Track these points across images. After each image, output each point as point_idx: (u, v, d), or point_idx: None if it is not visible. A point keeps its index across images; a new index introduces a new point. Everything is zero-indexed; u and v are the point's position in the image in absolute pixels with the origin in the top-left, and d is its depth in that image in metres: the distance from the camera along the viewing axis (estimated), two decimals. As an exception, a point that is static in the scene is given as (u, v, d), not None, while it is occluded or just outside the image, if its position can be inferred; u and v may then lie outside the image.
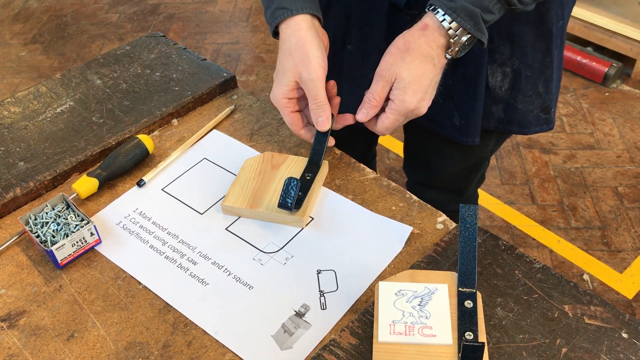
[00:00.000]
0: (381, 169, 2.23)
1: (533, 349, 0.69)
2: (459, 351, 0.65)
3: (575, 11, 2.56)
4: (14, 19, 3.21)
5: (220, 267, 0.81)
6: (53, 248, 0.79)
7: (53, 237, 0.81)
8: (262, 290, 0.78)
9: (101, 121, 1.01)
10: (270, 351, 0.72)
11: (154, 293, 0.79)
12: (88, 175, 0.90)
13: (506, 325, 0.71)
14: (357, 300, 0.77)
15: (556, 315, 0.72)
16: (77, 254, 0.82)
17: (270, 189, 0.88)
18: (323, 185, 0.92)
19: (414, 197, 0.89)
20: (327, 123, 0.86)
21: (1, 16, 3.24)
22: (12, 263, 0.82)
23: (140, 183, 0.92)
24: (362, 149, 1.32)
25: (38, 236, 0.82)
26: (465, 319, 0.68)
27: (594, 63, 2.53)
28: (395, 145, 2.32)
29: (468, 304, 0.69)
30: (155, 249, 0.84)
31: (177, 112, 1.04)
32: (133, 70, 1.12)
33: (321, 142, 0.91)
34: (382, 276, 0.79)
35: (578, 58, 2.55)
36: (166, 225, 0.87)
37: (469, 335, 0.66)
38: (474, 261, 0.71)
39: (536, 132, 1.07)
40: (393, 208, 0.88)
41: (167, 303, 0.77)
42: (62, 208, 0.85)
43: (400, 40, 0.81)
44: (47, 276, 0.81)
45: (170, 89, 1.07)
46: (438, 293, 0.71)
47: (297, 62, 0.84)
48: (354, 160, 0.95)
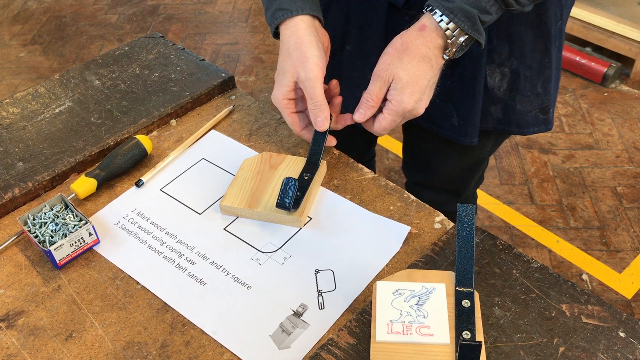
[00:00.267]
0: (380, 170, 2.23)
1: (530, 348, 0.69)
2: (457, 350, 0.65)
3: (574, 11, 2.56)
4: (13, 20, 3.21)
5: (218, 267, 0.81)
6: (51, 248, 0.79)
7: (51, 238, 0.81)
8: (260, 290, 0.79)
9: (100, 122, 1.01)
10: (268, 351, 0.72)
11: (152, 293, 0.79)
12: (86, 175, 0.90)
13: (504, 324, 0.71)
14: (355, 299, 0.77)
15: (554, 314, 0.72)
16: (76, 254, 0.82)
17: (268, 189, 0.89)
18: (321, 185, 0.92)
19: (412, 197, 0.89)
20: (326, 123, 0.86)
21: (0, 17, 3.24)
22: (11, 263, 0.83)
23: (138, 183, 0.92)
24: (361, 150, 1.32)
25: (36, 236, 0.82)
26: (462, 318, 0.68)
27: (593, 63, 2.53)
28: (394, 145, 2.32)
29: (465, 304, 0.69)
30: (153, 249, 0.84)
31: (176, 113, 1.04)
32: (131, 70, 1.12)
33: (319, 142, 0.92)
34: (380, 276, 0.79)
35: (577, 58, 2.55)
36: (164, 225, 0.87)
37: (467, 334, 0.67)
38: (472, 260, 0.72)
39: (535, 133, 1.07)
40: (391, 208, 0.88)
41: (166, 303, 0.77)
42: (61, 208, 0.85)
43: (397, 40, 0.81)
44: (46, 276, 0.81)
45: (168, 90, 1.07)
46: (436, 292, 0.71)
47: (295, 62, 0.84)
48: (352, 160, 0.95)
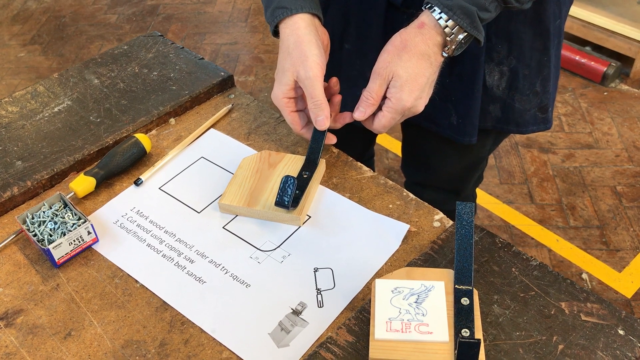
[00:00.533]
0: (380, 169, 2.23)
1: (530, 346, 0.69)
2: (456, 348, 0.65)
3: (573, 10, 2.56)
4: (13, 20, 3.21)
5: (217, 266, 0.81)
6: (50, 247, 0.79)
7: (50, 236, 0.81)
8: (259, 288, 0.79)
9: (98, 120, 1.01)
10: (267, 349, 0.72)
11: (151, 291, 0.79)
12: (85, 174, 0.90)
13: (503, 322, 0.71)
14: (354, 298, 0.77)
15: (553, 312, 0.72)
16: (74, 253, 0.82)
17: (267, 188, 0.89)
18: (320, 183, 0.92)
19: (411, 195, 0.89)
20: (326, 122, 0.86)
21: (0, 17, 3.24)
22: (10, 262, 0.83)
23: (137, 182, 0.92)
24: (360, 148, 1.32)
25: (35, 235, 0.82)
26: (461, 316, 0.68)
27: (593, 62, 2.53)
28: (394, 145, 2.32)
29: (464, 301, 0.69)
30: (152, 248, 0.84)
31: (175, 111, 1.04)
32: (130, 69, 1.12)
33: (318, 141, 0.92)
34: (379, 274, 0.79)
35: (577, 57, 2.55)
36: (163, 223, 0.87)
37: (466, 332, 0.66)
38: (471, 258, 0.72)
39: (534, 132, 1.07)
40: (390, 206, 0.88)
41: (164, 301, 0.77)
42: (60, 207, 0.85)
43: (397, 38, 0.81)
44: (45, 275, 0.81)
45: (167, 88, 1.07)
46: (435, 290, 0.71)
47: (295, 61, 0.84)
48: (351, 158, 0.95)
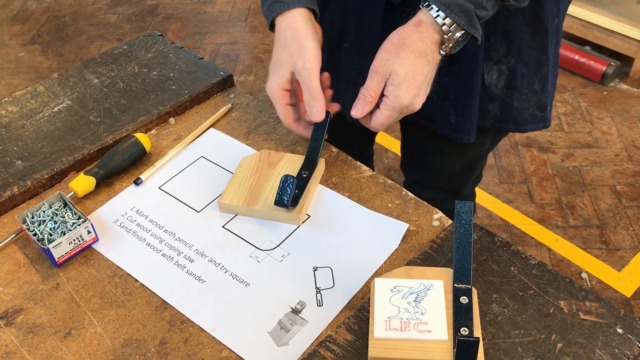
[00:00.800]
0: (380, 169, 2.23)
1: (528, 345, 0.69)
2: (455, 347, 0.65)
3: (573, 10, 2.56)
4: (13, 20, 3.21)
5: (217, 265, 0.82)
6: (50, 246, 0.79)
7: (50, 235, 0.82)
8: (259, 287, 0.79)
9: (98, 120, 1.01)
10: (266, 348, 0.72)
11: (151, 291, 0.79)
12: (85, 173, 0.90)
13: (502, 321, 0.72)
14: (353, 296, 0.77)
15: (551, 311, 0.72)
16: (74, 252, 0.82)
17: (267, 187, 0.89)
18: (320, 182, 0.92)
19: (410, 195, 0.89)
20: (321, 114, 0.87)
21: (0, 17, 3.24)
22: (10, 261, 0.83)
23: (137, 181, 0.92)
24: (359, 148, 1.32)
25: (35, 234, 0.82)
26: (460, 315, 0.68)
27: (592, 62, 2.53)
28: (393, 144, 2.32)
29: (463, 300, 0.69)
30: (152, 247, 0.84)
31: (174, 111, 1.04)
32: (130, 69, 1.12)
33: (318, 140, 0.92)
34: (378, 273, 0.79)
35: (576, 57, 2.55)
36: (163, 223, 0.87)
37: (465, 330, 0.67)
38: (470, 257, 0.72)
39: (532, 130, 1.07)
40: (389, 205, 0.88)
41: (164, 300, 0.78)
42: (59, 206, 0.85)
43: (394, 36, 0.81)
44: (45, 274, 0.81)
45: (167, 88, 1.07)
46: (434, 289, 0.71)
47: (293, 53, 0.84)
48: (351, 158, 0.96)
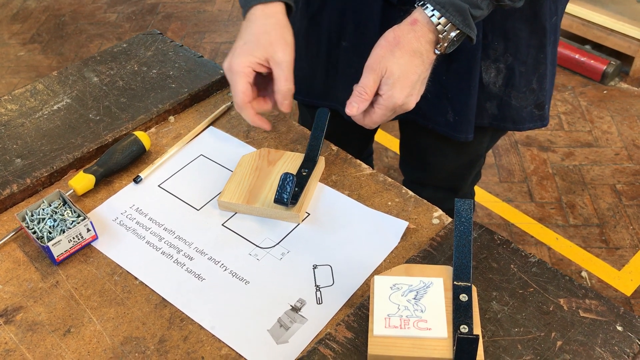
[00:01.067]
0: (379, 167, 2.23)
1: (528, 342, 0.69)
2: (454, 344, 0.65)
3: (573, 9, 2.56)
4: (12, 19, 3.21)
5: (216, 263, 0.81)
6: (49, 244, 0.79)
7: (49, 233, 0.82)
8: (258, 285, 0.79)
9: (98, 118, 1.01)
10: (266, 345, 0.72)
11: (150, 288, 0.79)
12: (85, 171, 0.90)
13: (501, 318, 0.71)
14: (353, 294, 0.77)
15: (551, 308, 0.72)
16: (74, 250, 0.82)
17: (266, 185, 0.89)
18: (319, 181, 0.92)
19: (410, 193, 0.89)
20: (290, 107, 0.89)
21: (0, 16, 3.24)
22: (9, 259, 0.83)
23: (136, 179, 0.92)
24: (358, 146, 1.32)
25: (35, 232, 0.82)
26: (460, 313, 0.68)
27: (592, 61, 2.53)
28: (393, 143, 2.32)
29: (463, 298, 0.69)
30: (151, 245, 0.84)
31: (174, 109, 1.04)
32: (130, 67, 1.12)
33: (317, 138, 0.92)
34: (378, 271, 0.79)
35: (576, 56, 2.55)
36: (162, 221, 0.87)
37: (464, 328, 0.67)
38: (469, 255, 0.72)
39: (530, 129, 1.07)
40: (389, 203, 0.88)
41: (164, 298, 0.78)
42: (59, 204, 0.85)
43: (390, 34, 0.81)
44: (44, 272, 0.81)
45: (166, 86, 1.07)
46: (433, 287, 0.71)
47: (274, 41, 0.85)
48: (350, 156, 0.95)
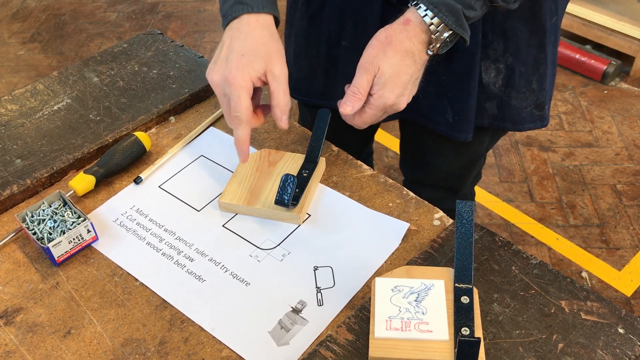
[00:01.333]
0: (380, 168, 2.23)
1: (530, 345, 0.69)
2: (455, 347, 0.65)
3: (574, 9, 2.56)
4: (12, 18, 3.21)
5: (217, 264, 0.81)
6: (50, 245, 0.79)
7: (50, 234, 0.81)
8: (259, 286, 0.78)
9: (98, 119, 1.01)
10: (266, 347, 0.72)
11: (151, 290, 0.79)
12: (85, 172, 0.90)
13: (503, 320, 0.71)
14: (354, 296, 0.77)
15: (553, 310, 0.72)
16: (74, 251, 0.82)
17: (267, 186, 0.88)
18: (320, 182, 0.91)
19: (411, 194, 0.89)
20: (287, 122, 0.86)
21: (-1, 15, 3.24)
22: (9, 260, 0.82)
23: (137, 180, 0.92)
24: (358, 147, 1.32)
25: (35, 233, 0.82)
26: (461, 315, 0.68)
27: (593, 61, 2.53)
28: (393, 143, 2.32)
29: (464, 300, 0.69)
30: (152, 246, 0.84)
31: (174, 110, 1.04)
32: (130, 67, 1.12)
33: (318, 139, 0.92)
34: (379, 272, 0.79)
35: (577, 56, 2.55)
36: (163, 222, 0.87)
37: (465, 330, 0.66)
38: (471, 257, 0.71)
39: (530, 129, 1.07)
40: (390, 205, 0.88)
41: (164, 300, 0.77)
42: (59, 205, 0.85)
43: (382, 33, 0.80)
44: (44, 273, 0.81)
45: (167, 87, 1.07)
46: (434, 289, 0.71)
47: (272, 53, 0.82)
48: (351, 157, 0.95)
